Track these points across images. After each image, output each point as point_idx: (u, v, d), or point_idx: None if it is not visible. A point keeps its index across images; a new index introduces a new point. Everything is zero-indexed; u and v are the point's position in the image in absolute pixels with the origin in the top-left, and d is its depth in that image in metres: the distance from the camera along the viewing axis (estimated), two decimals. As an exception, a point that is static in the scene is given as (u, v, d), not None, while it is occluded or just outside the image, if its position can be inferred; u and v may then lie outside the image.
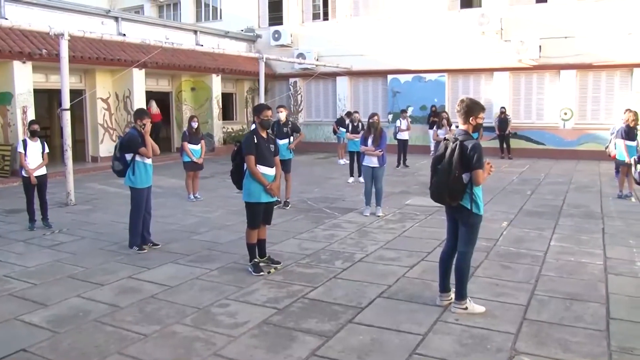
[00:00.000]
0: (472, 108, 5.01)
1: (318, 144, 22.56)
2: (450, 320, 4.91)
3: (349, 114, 17.24)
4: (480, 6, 19.68)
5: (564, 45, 18.44)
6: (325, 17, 22.94)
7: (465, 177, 4.86)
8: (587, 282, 5.97)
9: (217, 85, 20.96)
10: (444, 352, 4.29)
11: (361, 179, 10.20)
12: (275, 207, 7.23)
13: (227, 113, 23.15)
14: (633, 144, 10.82)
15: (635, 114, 11.16)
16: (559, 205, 10.47)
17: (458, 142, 4.87)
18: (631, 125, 10.94)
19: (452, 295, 5.26)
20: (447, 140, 5.02)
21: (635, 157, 8.43)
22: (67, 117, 11.03)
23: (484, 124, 16.98)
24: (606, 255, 7.01)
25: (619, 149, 10.85)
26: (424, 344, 4.43)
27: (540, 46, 18.45)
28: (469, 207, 4.93)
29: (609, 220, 9.13)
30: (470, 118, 4.98)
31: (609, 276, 6.18)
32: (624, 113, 11.32)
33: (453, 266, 5.23)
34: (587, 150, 18.36)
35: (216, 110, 20.96)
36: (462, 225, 5.06)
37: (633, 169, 8.31)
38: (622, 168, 11.08)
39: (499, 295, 5.51)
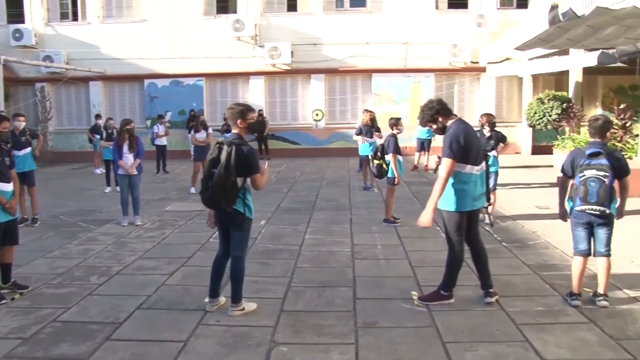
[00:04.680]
0: (232, 113, 5.04)
1: (71, 153, 21.00)
2: (212, 322, 4.93)
3: (97, 117, 16.50)
4: (235, 12, 20.15)
5: (313, 52, 19.93)
6: (75, 18, 21.38)
7: (239, 181, 4.87)
8: (337, 269, 6.48)
9: (-57, 91, 18.23)
10: (206, 355, 4.30)
11: (118, 188, 9.76)
12: (21, 225, 6.52)
13: (-40, 123, 20.31)
14: (371, 140, 12.08)
15: (372, 114, 12.48)
16: (313, 200, 11.23)
17: (234, 147, 4.83)
18: (368, 124, 12.24)
19: (221, 299, 5.28)
20: (222, 143, 4.96)
21: (372, 153, 9.38)
22: None
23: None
24: (353, 243, 7.70)
25: (362, 146, 12.16)
26: (186, 350, 4.38)
27: (292, 52, 19.59)
28: (242, 212, 4.97)
29: (356, 210, 10.06)
30: (238, 121, 5.00)
31: (356, 261, 6.79)
32: (362, 113, 12.63)
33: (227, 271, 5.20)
34: (338, 148, 20.08)
35: (-56, 120, 18.22)
36: (236, 230, 5.05)
37: (371, 164, 9.23)
38: (364, 163, 12.35)
39: (258, 292, 5.68)
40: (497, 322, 4.85)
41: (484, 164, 5.32)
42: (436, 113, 5.24)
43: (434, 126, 5.31)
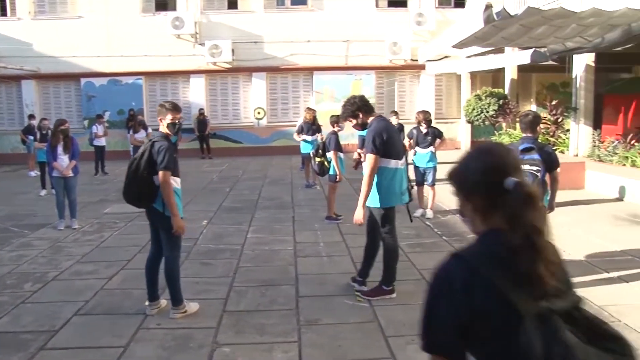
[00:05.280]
0: (159, 111, 5.01)
1: (3, 155, 20.10)
2: (152, 326, 4.84)
3: (31, 117, 15.91)
4: (175, 10, 19.81)
5: (254, 50, 19.86)
6: (4, 13, 20.47)
7: (156, 179, 4.79)
8: (280, 267, 6.48)
9: None
10: (147, 359, 4.21)
11: (54, 191, 9.44)
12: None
13: None
14: (313, 138, 12.12)
15: (314, 112, 12.53)
16: (255, 199, 11.18)
17: (150, 143, 4.82)
18: (310, 121, 12.28)
19: (161, 302, 5.20)
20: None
21: (313, 151, 9.43)
22: None
23: (184, 126, 16.92)
24: (296, 241, 7.71)
25: (303, 144, 12.15)
26: (126, 356, 4.29)
27: (233, 50, 19.42)
28: (161, 210, 4.88)
29: (298, 208, 10.07)
30: (159, 119, 4.97)
31: (298, 259, 6.81)
32: (305, 111, 12.67)
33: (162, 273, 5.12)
34: (280, 146, 20.07)
35: None
36: (162, 230, 4.97)
37: (312, 161, 9.28)
38: (306, 161, 12.37)
39: (200, 293, 5.62)
40: (437, 314, 4.94)
41: (404, 159, 5.48)
42: (357, 109, 5.35)
43: (354, 121, 5.42)
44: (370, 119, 5.37)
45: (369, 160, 5.17)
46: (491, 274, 1.46)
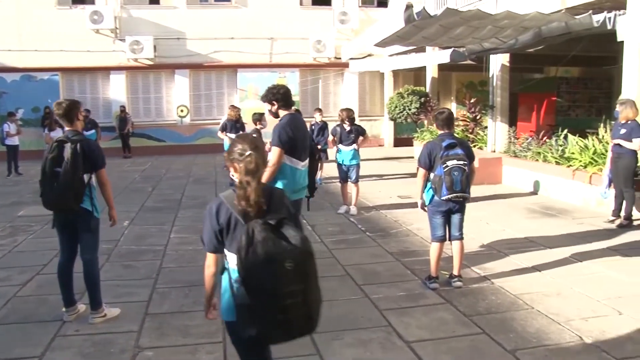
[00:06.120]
0: (74, 108, 4.81)
1: None
2: (70, 332, 4.66)
3: None
4: (93, 3, 19.07)
5: (177, 46, 19.45)
6: None
7: (86, 177, 4.68)
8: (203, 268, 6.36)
9: None
10: (64, 367, 4.06)
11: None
12: None
13: None
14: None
15: (237, 109, 12.44)
16: (179, 198, 10.97)
17: (78, 143, 4.63)
18: (233, 119, 12.19)
19: (79, 307, 5.01)
20: (62, 140, 4.69)
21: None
22: None
23: (104, 124, 16.36)
24: (220, 240, 7.60)
25: (226, 142, 12.06)
26: (41, 365, 4.11)
27: (155, 46, 18.94)
28: (90, 210, 4.75)
29: (223, 207, 9.95)
30: (78, 115, 4.83)
31: (223, 259, 6.71)
32: (229, 109, 12.58)
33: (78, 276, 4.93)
34: (204, 144, 19.74)
35: None
36: (85, 232, 4.80)
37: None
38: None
39: (121, 296, 5.46)
40: (362, 309, 5.03)
41: (307, 161, 5.52)
42: (277, 99, 5.38)
43: (269, 107, 5.44)
44: (284, 113, 5.40)
45: (272, 153, 5.17)
46: (229, 204, 2.72)
